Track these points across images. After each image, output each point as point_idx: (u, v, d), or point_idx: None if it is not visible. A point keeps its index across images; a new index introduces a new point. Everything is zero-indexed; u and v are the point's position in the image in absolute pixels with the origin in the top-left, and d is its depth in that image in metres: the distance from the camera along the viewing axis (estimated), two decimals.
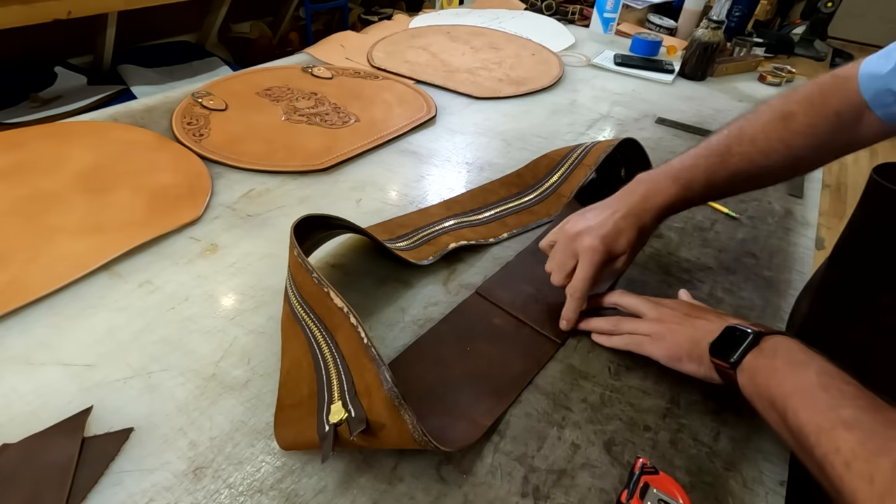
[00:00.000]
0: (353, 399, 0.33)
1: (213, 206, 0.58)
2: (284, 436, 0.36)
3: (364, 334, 0.34)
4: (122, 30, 1.50)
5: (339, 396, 0.34)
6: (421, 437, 0.31)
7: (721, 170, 0.48)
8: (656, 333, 0.42)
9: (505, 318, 0.48)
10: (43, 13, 1.17)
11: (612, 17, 1.24)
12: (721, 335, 0.38)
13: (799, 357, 0.34)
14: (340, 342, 0.37)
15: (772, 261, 0.58)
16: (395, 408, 0.31)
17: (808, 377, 0.32)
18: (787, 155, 0.46)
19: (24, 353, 0.41)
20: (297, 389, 0.38)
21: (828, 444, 0.28)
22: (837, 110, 0.45)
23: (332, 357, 0.37)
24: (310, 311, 0.40)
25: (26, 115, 1.29)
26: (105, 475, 0.33)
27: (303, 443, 0.35)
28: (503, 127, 0.82)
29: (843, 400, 0.30)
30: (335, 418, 0.32)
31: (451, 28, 1.23)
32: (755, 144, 0.47)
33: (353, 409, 0.33)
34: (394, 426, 0.32)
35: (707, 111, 0.95)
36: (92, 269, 0.48)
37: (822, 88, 0.46)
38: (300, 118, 0.77)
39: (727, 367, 0.36)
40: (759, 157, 0.47)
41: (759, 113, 0.48)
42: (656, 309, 0.44)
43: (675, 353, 0.41)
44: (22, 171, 0.60)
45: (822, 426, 0.29)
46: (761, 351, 0.35)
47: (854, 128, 0.45)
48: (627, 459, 0.37)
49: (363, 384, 0.33)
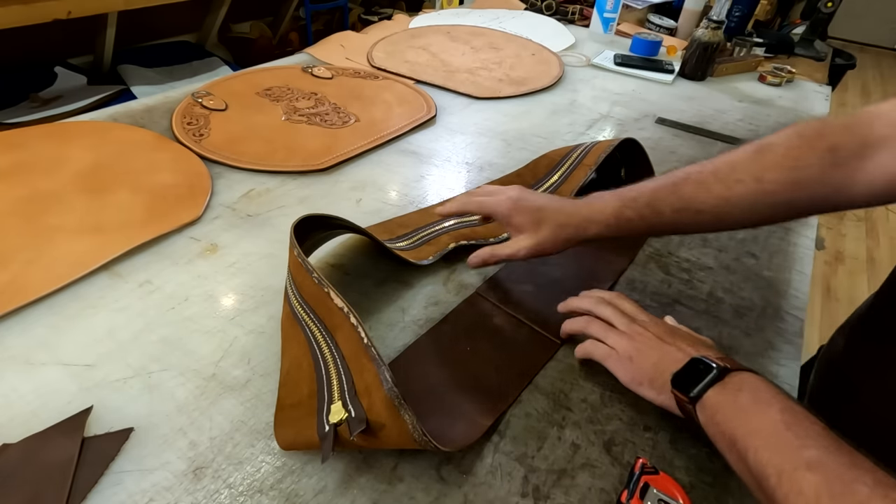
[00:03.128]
0: (353, 399, 0.33)
1: (213, 206, 0.58)
2: (284, 436, 0.36)
3: (364, 334, 0.34)
4: (122, 30, 1.50)
5: (339, 396, 0.34)
6: (421, 438, 0.31)
7: (670, 195, 0.42)
8: (623, 351, 0.40)
9: (505, 318, 0.48)
10: (43, 13, 1.17)
11: (612, 17, 1.24)
12: (685, 366, 0.36)
13: (764, 395, 0.32)
14: (340, 342, 0.37)
15: (772, 261, 0.58)
16: (395, 408, 0.31)
17: (771, 415, 0.30)
18: (754, 190, 0.39)
19: (24, 353, 0.41)
20: (297, 389, 0.38)
21: (790, 486, 0.27)
22: (833, 144, 0.37)
23: (333, 357, 0.37)
24: (310, 312, 0.40)
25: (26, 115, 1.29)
26: (105, 475, 0.33)
27: (302, 443, 0.35)
28: (503, 127, 0.82)
29: (807, 440, 0.28)
30: (335, 418, 0.33)
31: (451, 28, 1.23)
32: (717, 174, 0.41)
33: (353, 409, 0.33)
34: (394, 426, 0.32)
35: (707, 111, 0.94)
36: (92, 269, 0.48)
37: (817, 124, 0.39)
38: (300, 118, 0.77)
39: (686, 400, 0.35)
40: (718, 188, 0.40)
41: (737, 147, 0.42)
42: (630, 325, 0.42)
43: (637, 378, 0.39)
44: (22, 171, 0.60)
45: (783, 467, 0.28)
46: (724, 386, 0.34)
47: (851, 171, 0.37)
48: (627, 459, 0.37)
49: (363, 384, 0.33)
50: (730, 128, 0.89)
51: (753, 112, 0.96)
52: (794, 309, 0.52)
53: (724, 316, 0.50)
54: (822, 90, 1.10)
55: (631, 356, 0.40)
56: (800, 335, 0.49)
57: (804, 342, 0.48)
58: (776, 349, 0.47)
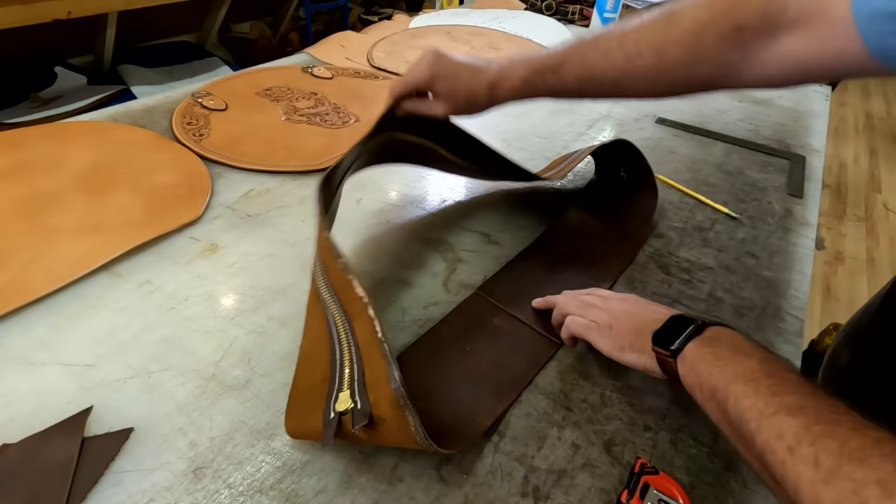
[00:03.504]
0: (360, 391, 0.34)
1: (213, 206, 0.58)
2: (292, 418, 0.37)
3: (379, 329, 0.34)
4: (122, 30, 1.50)
5: (349, 385, 0.34)
6: (423, 440, 0.31)
7: (576, 65, 0.42)
8: (603, 322, 0.41)
9: (505, 318, 0.48)
10: (43, 13, 1.17)
11: (612, 17, 1.24)
12: (665, 324, 0.37)
13: (742, 346, 0.33)
14: (357, 331, 0.37)
15: (772, 261, 0.58)
16: (401, 407, 0.31)
17: (750, 364, 0.31)
18: (654, 65, 0.39)
19: (24, 353, 0.41)
20: (311, 370, 0.38)
21: (770, 430, 0.27)
22: (741, 24, 0.35)
23: (348, 345, 0.37)
24: (333, 295, 0.40)
25: (26, 115, 1.29)
26: (105, 475, 0.33)
27: (306, 430, 0.35)
28: (503, 127, 0.82)
29: (787, 386, 0.29)
30: (342, 407, 0.33)
31: (451, 28, 1.23)
32: (623, 43, 0.40)
33: (359, 401, 0.33)
34: (397, 424, 0.32)
35: (707, 111, 0.94)
36: (92, 269, 0.48)
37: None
38: (300, 118, 0.77)
39: (667, 354, 0.35)
40: (620, 59, 0.40)
41: (651, 10, 0.40)
42: (605, 301, 0.43)
43: (619, 343, 0.40)
44: (22, 171, 0.60)
45: (763, 412, 0.28)
46: (703, 339, 0.35)
47: (753, 52, 0.36)
48: (627, 459, 0.37)
49: (373, 376, 0.34)
50: (730, 128, 0.89)
51: (753, 112, 0.96)
52: (794, 309, 0.52)
53: (724, 316, 0.50)
54: (821, 90, 1.10)
55: (610, 325, 0.41)
56: (800, 335, 0.49)
57: (804, 342, 0.48)
58: (776, 349, 0.47)
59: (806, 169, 0.78)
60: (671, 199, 0.67)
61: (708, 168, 0.76)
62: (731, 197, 0.69)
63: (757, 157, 0.80)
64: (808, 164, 0.79)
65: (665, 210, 0.65)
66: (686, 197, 0.68)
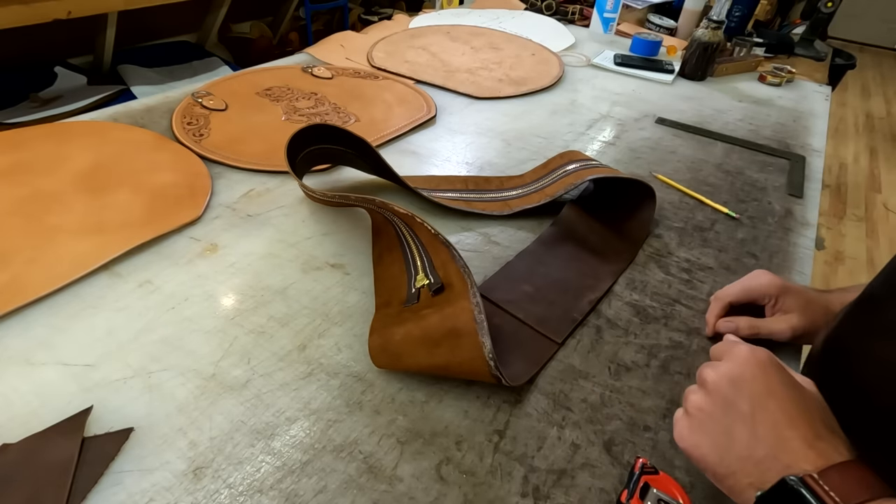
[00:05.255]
0: (432, 271, 0.45)
1: (213, 206, 0.58)
2: (375, 342, 0.42)
3: (432, 229, 0.46)
4: (122, 30, 1.50)
5: (422, 269, 0.46)
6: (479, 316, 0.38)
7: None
8: (693, 412, 0.33)
9: (505, 318, 0.48)
10: (43, 13, 1.17)
11: (612, 17, 1.24)
12: (772, 491, 0.27)
13: None
14: (419, 233, 0.48)
15: (772, 261, 0.58)
16: (463, 275, 0.42)
17: None
18: None
19: (24, 353, 0.41)
20: (390, 269, 0.49)
21: None
22: None
23: (415, 243, 0.48)
24: (394, 215, 0.50)
25: (26, 115, 1.29)
26: (105, 475, 0.33)
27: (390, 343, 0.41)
28: (503, 127, 0.82)
29: None
30: (419, 283, 0.45)
31: (451, 28, 1.23)
32: None
33: (432, 278, 0.44)
34: (457, 291, 0.41)
35: (707, 111, 0.95)
36: (92, 269, 0.48)
37: None
38: (300, 118, 0.77)
39: None
40: None
41: None
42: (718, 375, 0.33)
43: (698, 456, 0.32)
44: (22, 171, 0.60)
45: None
46: None
47: None
48: (627, 459, 0.37)
49: (439, 261, 0.45)
50: (730, 128, 0.89)
51: (753, 112, 0.96)
52: None
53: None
54: (822, 90, 1.10)
55: (693, 424, 0.33)
56: None
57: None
58: (776, 349, 0.47)
59: (806, 169, 0.78)
60: (671, 199, 0.67)
61: (708, 168, 0.76)
62: (731, 197, 0.69)
63: (757, 157, 0.80)
64: (808, 164, 0.79)
65: (665, 210, 0.65)
66: (686, 197, 0.68)
